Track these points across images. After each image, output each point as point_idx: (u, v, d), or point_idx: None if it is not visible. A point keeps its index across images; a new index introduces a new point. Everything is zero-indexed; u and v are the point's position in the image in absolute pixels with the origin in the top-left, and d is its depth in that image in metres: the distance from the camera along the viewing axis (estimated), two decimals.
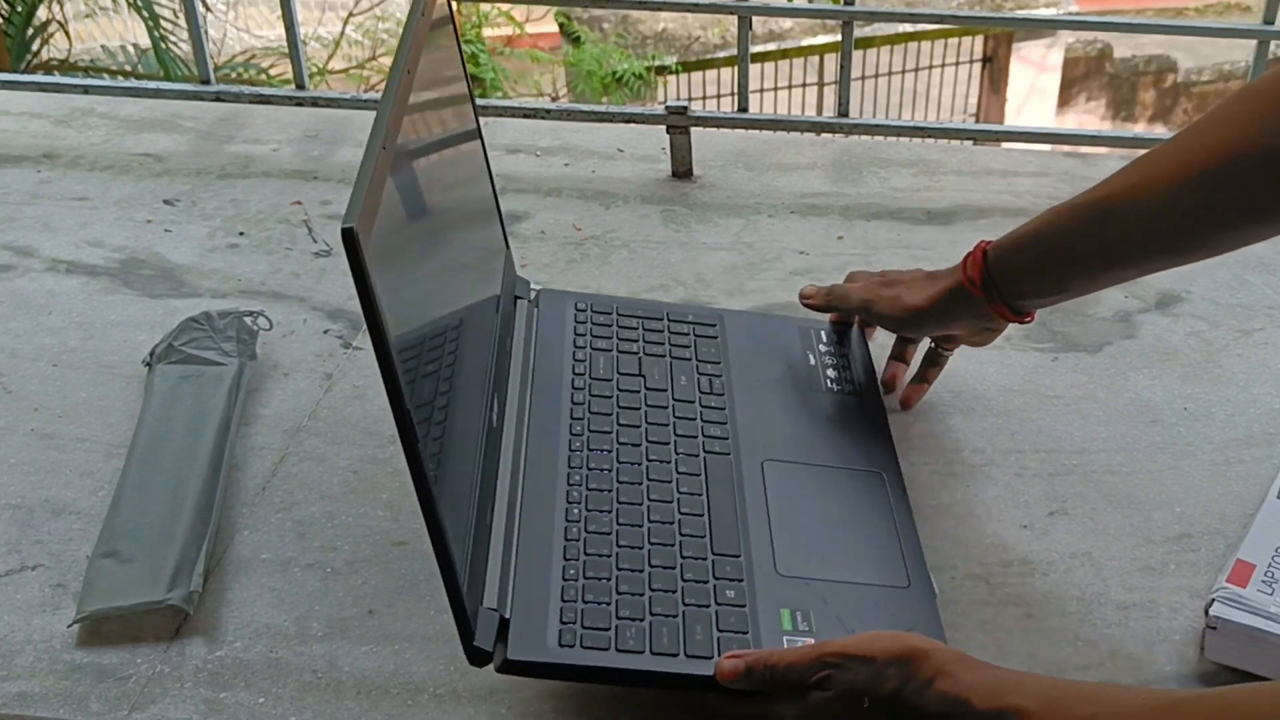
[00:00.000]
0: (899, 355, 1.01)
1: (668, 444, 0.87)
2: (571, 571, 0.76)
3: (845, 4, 1.42)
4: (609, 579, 0.76)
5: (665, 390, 0.92)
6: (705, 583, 0.77)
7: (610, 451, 0.86)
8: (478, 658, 0.70)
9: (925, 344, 0.99)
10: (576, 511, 0.80)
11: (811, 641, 0.74)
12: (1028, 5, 6.57)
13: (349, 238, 0.60)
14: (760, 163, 1.39)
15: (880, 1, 1.85)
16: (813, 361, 0.98)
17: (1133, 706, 0.60)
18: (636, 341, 0.97)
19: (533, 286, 1.01)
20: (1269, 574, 0.80)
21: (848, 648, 0.69)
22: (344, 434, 0.98)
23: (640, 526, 0.80)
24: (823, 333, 1.02)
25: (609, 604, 0.75)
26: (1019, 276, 0.86)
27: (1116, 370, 1.04)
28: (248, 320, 1.05)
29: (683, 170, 1.36)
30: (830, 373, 0.98)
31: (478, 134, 0.95)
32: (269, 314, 1.07)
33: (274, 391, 1.02)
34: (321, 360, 1.06)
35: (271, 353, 1.06)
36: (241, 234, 1.25)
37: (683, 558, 0.78)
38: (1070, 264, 0.84)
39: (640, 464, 0.85)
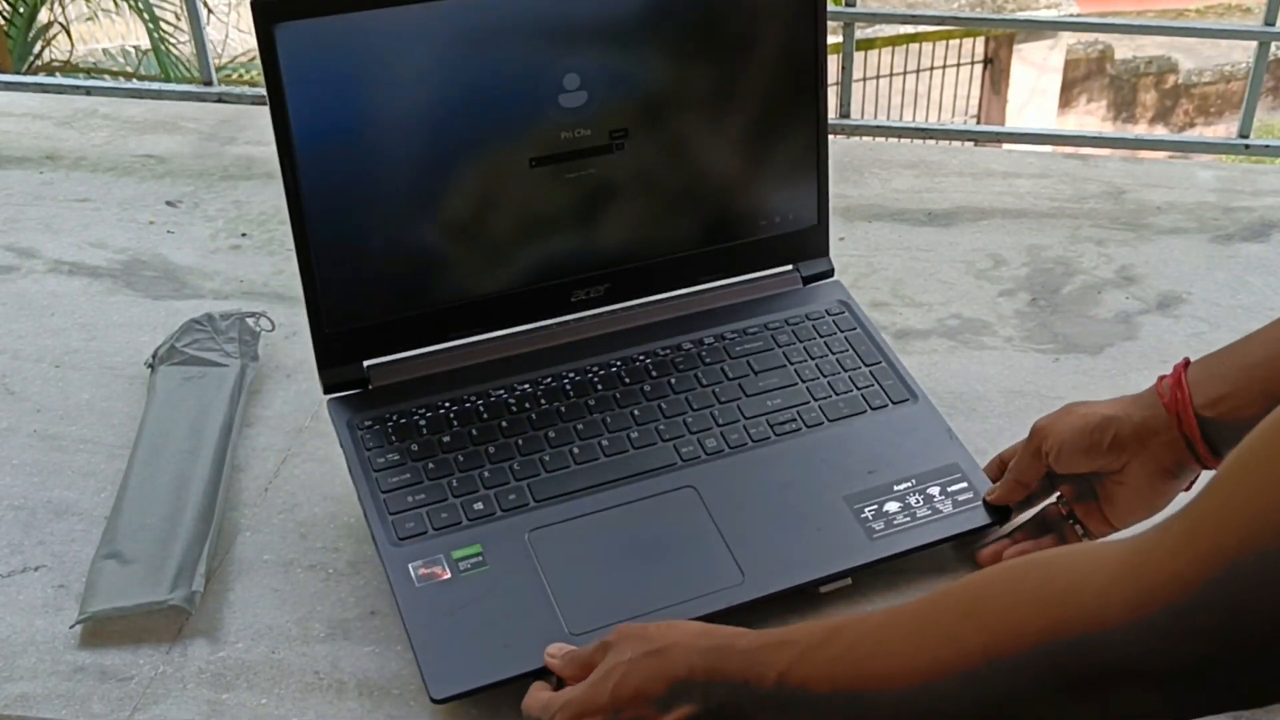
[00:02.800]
0: (1029, 480, 0.82)
1: (652, 422, 0.88)
2: (443, 403, 0.88)
3: (846, 5, 1.42)
4: (440, 432, 0.86)
5: (733, 400, 0.89)
6: (481, 491, 0.83)
7: (609, 390, 0.89)
8: (324, 382, 0.87)
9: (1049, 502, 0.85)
10: (514, 389, 0.89)
11: (445, 576, 0.78)
12: (1029, 7, 6.57)
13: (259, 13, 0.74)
14: None
15: (881, 3, 1.85)
16: (901, 488, 0.85)
17: (876, 615, 0.60)
18: (808, 361, 0.93)
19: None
20: None
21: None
22: None
23: (522, 430, 0.86)
24: (964, 482, 0.86)
25: (413, 436, 0.86)
26: (1221, 386, 0.74)
27: (1118, 371, 1.05)
28: (250, 321, 1.05)
29: None
30: (891, 506, 0.84)
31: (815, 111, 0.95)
32: (271, 315, 1.07)
33: (276, 393, 1.03)
34: None
35: (274, 354, 1.06)
36: (244, 235, 1.25)
37: (502, 462, 0.84)
38: None
39: (604, 413, 0.88)
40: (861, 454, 0.87)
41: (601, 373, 0.90)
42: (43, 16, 4.53)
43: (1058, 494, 0.84)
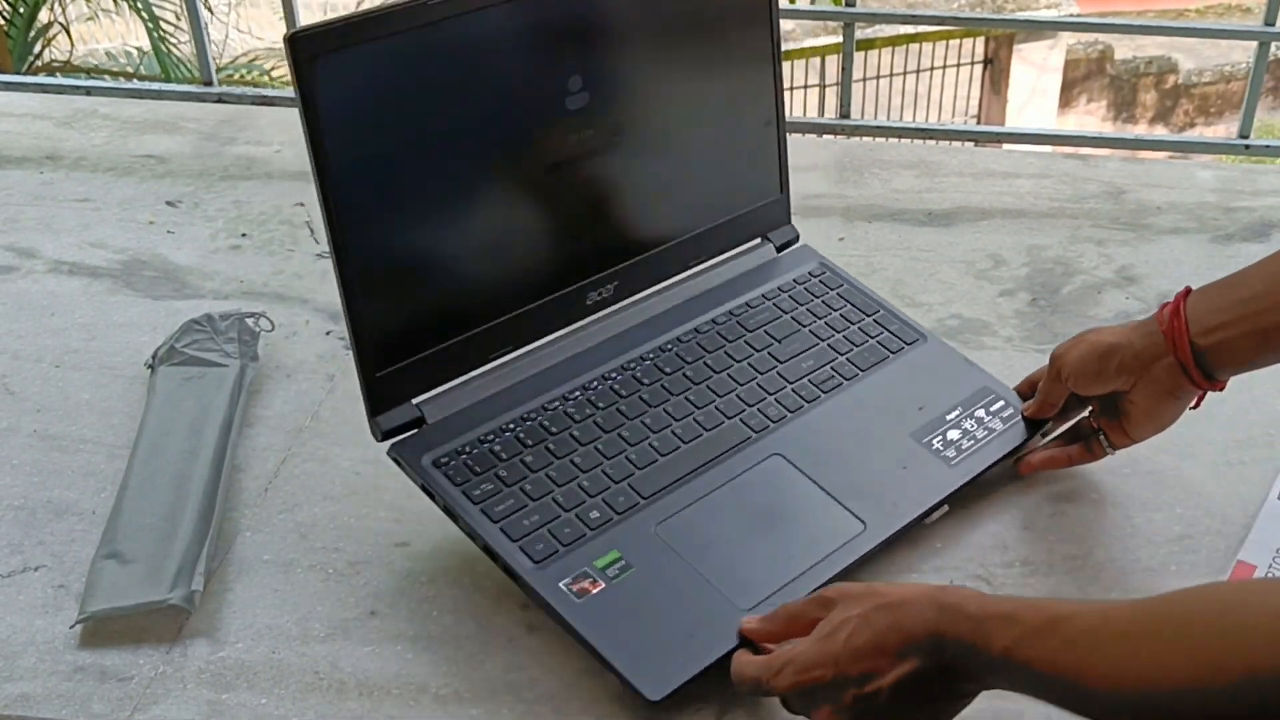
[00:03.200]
0: (1056, 401, 0.90)
1: (719, 397, 0.90)
2: (508, 427, 0.85)
3: (846, 5, 1.42)
4: (526, 447, 0.84)
5: (778, 364, 0.94)
6: (591, 497, 0.82)
7: (654, 382, 0.90)
8: (375, 432, 0.83)
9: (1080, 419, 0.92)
10: (566, 398, 0.87)
11: (601, 587, 0.77)
12: (1029, 7, 6.57)
13: (291, 44, 0.70)
14: None
15: (882, 3, 1.85)
16: (951, 416, 0.92)
17: (1115, 610, 0.61)
18: (818, 319, 0.98)
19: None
20: (1270, 575, 0.80)
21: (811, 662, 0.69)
22: (346, 435, 0.98)
23: (597, 435, 0.86)
24: (1001, 402, 0.94)
25: (502, 461, 0.83)
26: (1215, 316, 0.79)
27: None
28: (250, 322, 1.05)
29: None
30: (952, 434, 0.91)
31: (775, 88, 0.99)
32: (271, 315, 1.07)
33: (276, 393, 1.03)
34: (324, 361, 1.06)
35: (274, 354, 1.07)
36: (244, 235, 1.25)
37: (604, 472, 0.84)
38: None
39: (670, 399, 0.89)
40: (905, 394, 0.93)
41: (640, 368, 0.91)
42: (43, 16, 4.53)
43: (1089, 408, 0.90)
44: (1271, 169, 1.44)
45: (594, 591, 0.77)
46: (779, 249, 1.03)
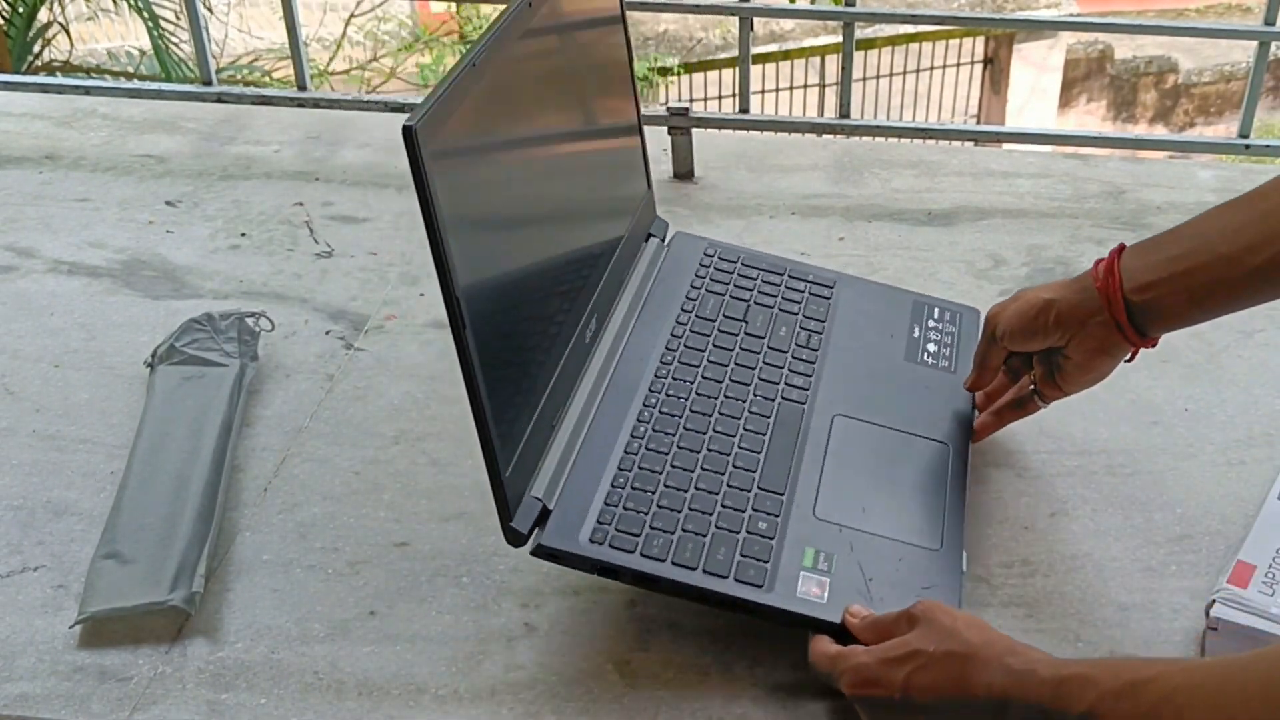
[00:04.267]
0: (994, 364, 0.90)
1: (748, 385, 0.91)
2: (621, 479, 0.81)
3: (846, 5, 1.42)
4: (652, 491, 0.81)
5: (762, 338, 0.96)
6: (741, 511, 0.81)
7: (691, 383, 0.90)
8: (513, 538, 0.75)
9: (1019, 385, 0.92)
10: (643, 429, 0.85)
11: (826, 582, 0.78)
12: (1029, 6, 6.57)
13: (408, 136, 0.65)
14: (761, 164, 1.39)
15: (881, 3, 1.85)
16: (917, 334, 1.00)
17: (1201, 674, 0.60)
18: (751, 291, 1.01)
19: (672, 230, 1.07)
20: (1270, 575, 0.80)
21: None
22: (346, 435, 0.98)
23: (696, 452, 0.84)
24: (938, 309, 1.03)
25: (645, 513, 0.79)
26: (1148, 274, 0.80)
27: (1118, 371, 1.04)
28: (249, 321, 1.05)
29: (684, 171, 1.36)
30: (930, 346, 0.99)
31: (631, 91, 1.03)
32: (271, 315, 1.07)
33: (275, 392, 1.03)
34: (323, 361, 1.06)
35: (273, 354, 1.06)
36: (243, 235, 1.25)
37: (728, 485, 0.82)
38: (1212, 266, 0.78)
39: (715, 398, 0.89)
40: (871, 328, 1.00)
41: (666, 385, 0.89)
42: (42, 16, 4.53)
43: (1034, 371, 0.90)
44: (1271, 168, 1.44)
45: (826, 589, 0.78)
46: (664, 242, 1.06)
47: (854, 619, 0.75)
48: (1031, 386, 0.91)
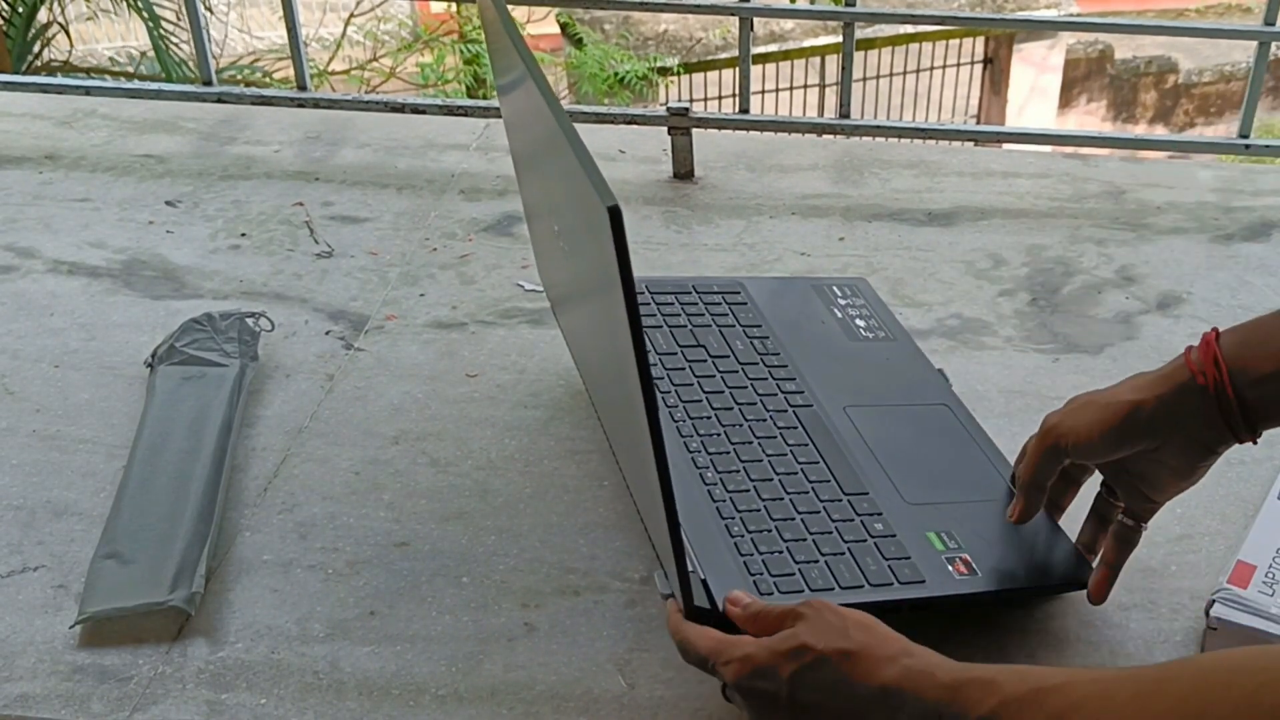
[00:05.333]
0: (1045, 483, 0.80)
1: (756, 404, 0.91)
2: (735, 529, 0.80)
3: (846, 5, 1.42)
4: (769, 530, 0.80)
5: (728, 357, 0.96)
6: (852, 520, 0.82)
7: (710, 418, 0.89)
8: (699, 615, 0.73)
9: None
10: (711, 476, 0.84)
11: (967, 557, 0.80)
12: (1029, 6, 6.57)
13: (616, 216, 0.61)
14: (761, 164, 1.39)
15: (882, 3, 1.85)
16: (839, 315, 1.02)
17: (1114, 686, 0.57)
18: (680, 315, 1.00)
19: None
20: (1270, 575, 0.80)
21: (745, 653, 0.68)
22: (346, 435, 0.98)
23: (771, 480, 0.84)
24: (835, 287, 1.05)
25: (781, 552, 0.79)
26: (1264, 364, 0.71)
27: (1118, 371, 1.04)
28: (249, 321, 1.05)
29: (684, 171, 1.36)
30: (859, 322, 1.01)
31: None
32: (271, 315, 1.07)
33: (275, 393, 1.03)
34: (323, 361, 1.06)
35: (273, 354, 1.06)
36: (243, 235, 1.25)
37: (820, 501, 0.83)
38: None
39: (742, 425, 0.89)
40: (799, 319, 1.01)
41: (687, 415, 0.89)
42: (42, 16, 4.52)
43: (1102, 486, 0.82)
44: (1271, 169, 1.44)
45: (971, 562, 0.80)
46: None
47: (735, 607, 0.72)
48: (1114, 504, 0.81)
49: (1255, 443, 0.74)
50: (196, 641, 0.81)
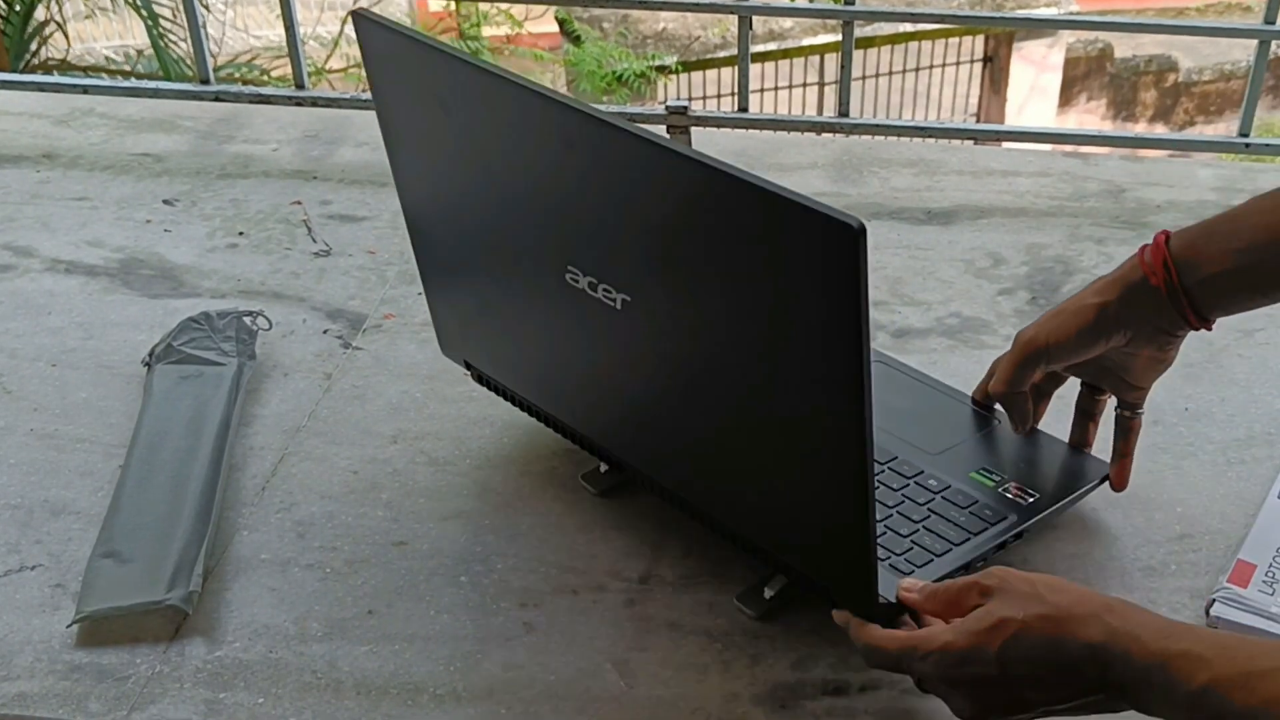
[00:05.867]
0: (1088, 410, 0.89)
1: None
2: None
3: (846, 4, 1.42)
4: (893, 507, 0.83)
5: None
6: (909, 484, 0.84)
7: None
8: (884, 611, 0.73)
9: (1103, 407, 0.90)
10: None
11: (1013, 484, 0.84)
12: (1028, 5, 6.57)
13: (861, 236, 0.59)
14: (761, 162, 1.38)
15: (881, 1, 1.85)
16: None
17: None
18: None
19: None
20: (1270, 574, 0.80)
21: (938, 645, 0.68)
22: (344, 434, 0.98)
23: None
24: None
25: (885, 532, 0.80)
26: (1209, 266, 0.79)
27: None
28: (247, 320, 1.05)
29: None
30: None
31: None
32: (268, 314, 1.07)
33: (273, 391, 1.02)
34: (321, 360, 1.06)
35: (271, 353, 1.06)
36: (241, 234, 1.25)
37: (879, 480, 0.84)
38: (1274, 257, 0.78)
39: None
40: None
41: None
42: (39, 14, 4.52)
43: (1082, 387, 0.90)
44: (1271, 167, 1.44)
45: (1022, 487, 0.84)
46: None
47: (911, 593, 0.72)
48: (1101, 399, 0.89)
49: (1210, 329, 0.82)
50: (194, 640, 0.80)
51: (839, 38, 1.42)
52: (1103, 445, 0.89)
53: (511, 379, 0.91)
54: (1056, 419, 0.90)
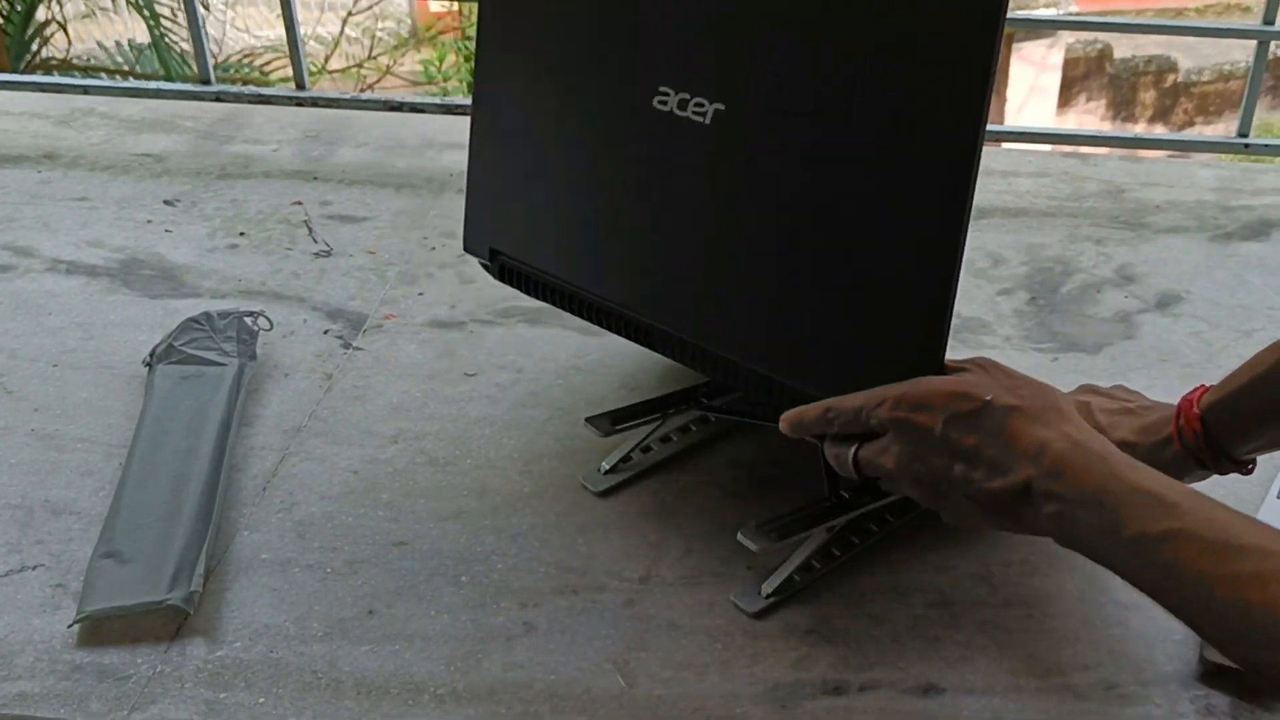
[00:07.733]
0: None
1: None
2: None
3: None
4: None
5: None
6: None
7: None
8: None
9: None
10: None
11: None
12: (1028, 5, 6.57)
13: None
14: None
15: None
16: None
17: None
18: None
19: None
20: None
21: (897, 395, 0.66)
22: (344, 434, 0.98)
23: None
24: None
25: None
26: (1241, 431, 0.77)
27: (1117, 371, 1.04)
28: (248, 320, 1.05)
29: None
30: None
31: None
32: (269, 314, 1.07)
33: (274, 392, 1.02)
34: (321, 360, 1.06)
35: (271, 353, 1.06)
36: (241, 234, 1.25)
37: None
38: None
39: None
40: None
41: None
42: (40, 14, 4.52)
43: None
44: (1271, 168, 1.44)
45: None
46: None
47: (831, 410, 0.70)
48: None
49: (1249, 471, 0.80)
50: (195, 640, 0.80)
51: None
52: None
53: (545, 258, 0.89)
54: None
